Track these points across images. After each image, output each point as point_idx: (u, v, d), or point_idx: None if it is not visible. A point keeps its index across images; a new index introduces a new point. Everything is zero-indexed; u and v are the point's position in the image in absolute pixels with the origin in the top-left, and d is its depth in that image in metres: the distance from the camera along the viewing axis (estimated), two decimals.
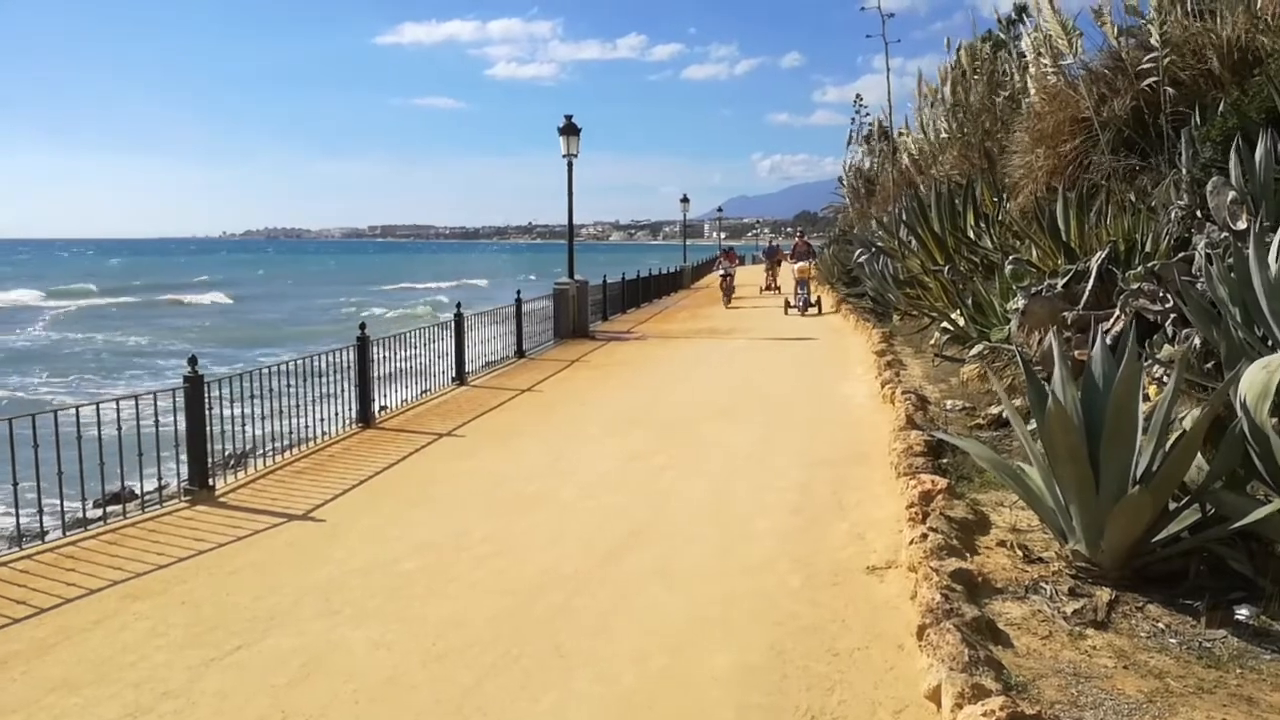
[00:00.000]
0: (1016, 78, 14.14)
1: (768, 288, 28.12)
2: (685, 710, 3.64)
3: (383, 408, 10.15)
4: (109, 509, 6.65)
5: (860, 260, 18.68)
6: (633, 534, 5.83)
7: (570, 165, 18.25)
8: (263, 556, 5.65)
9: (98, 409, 6.75)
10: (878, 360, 11.33)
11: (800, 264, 21.82)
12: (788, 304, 21.71)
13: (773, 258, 30.16)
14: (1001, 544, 4.87)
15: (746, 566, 5.17)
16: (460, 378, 12.24)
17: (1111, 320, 6.75)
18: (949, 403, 8.36)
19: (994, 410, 7.43)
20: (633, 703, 3.71)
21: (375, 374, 9.84)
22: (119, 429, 6.43)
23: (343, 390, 9.33)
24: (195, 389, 7.00)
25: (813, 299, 21.17)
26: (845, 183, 33.31)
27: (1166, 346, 6.52)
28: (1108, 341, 4.84)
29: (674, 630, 4.37)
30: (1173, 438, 4.47)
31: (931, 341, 11.71)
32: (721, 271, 27.14)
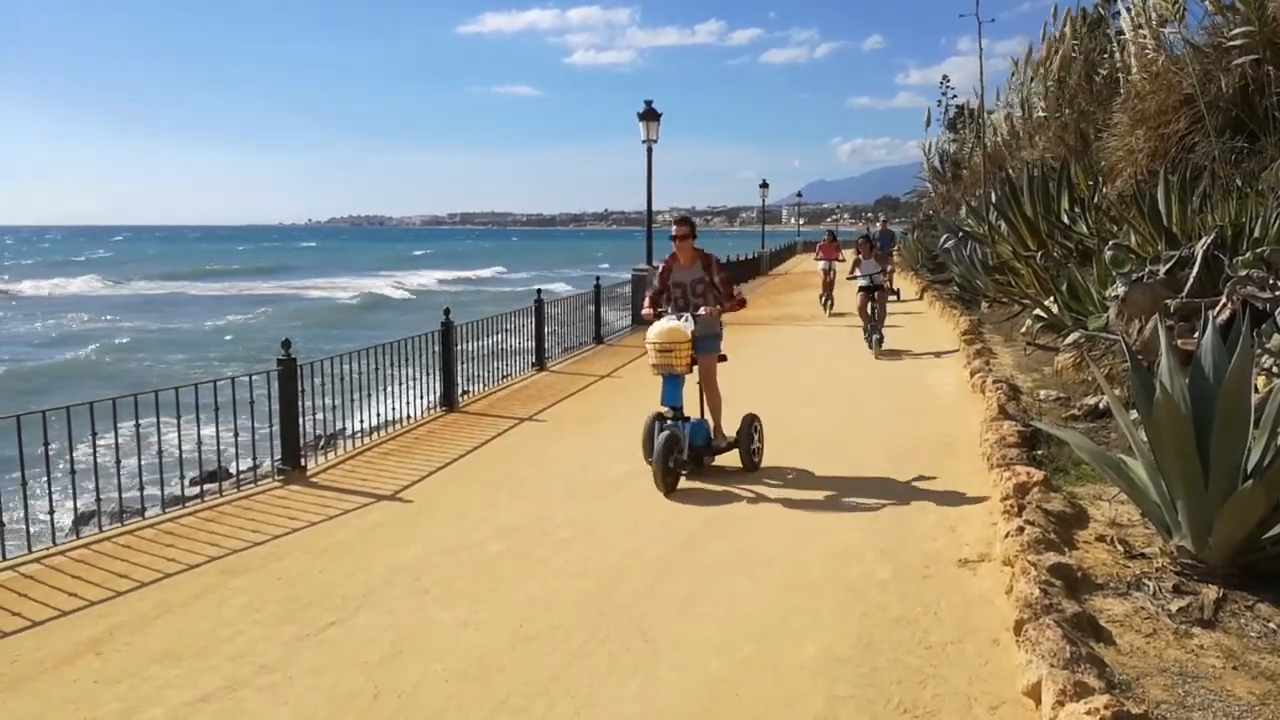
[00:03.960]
0: (1116, 57, 13.61)
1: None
2: (772, 699, 3.60)
3: (464, 392, 10.28)
4: (206, 487, 6.87)
5: (947, 246, 18.28)
6: (714, 521, 5.80)
7: (650, 151, 18.21)
8: (353, 535, 5.76)
9: (196, 390, 6.96)
10: (966, 349, 11.07)
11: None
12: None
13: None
14: (1101, 539, 4.71)
15: (832, 556, 5.09)
16: (540, 363, 12.33)
17: (1219, 308, 6.46)
18: (1042, 393, 8.12)
19: (1090, 401, 7.20)
20: (719, 690, 3.68)
21: (458, 359, 9.97)
22: (216, 410, 6.64)
23: (428, 375, 9.49)
24: (288, 371, 7.17)
25: None
26: (927, 165, 32.56)
27: (1276, 336, 6.22)
28: (1216, 329, 4.62)
29: (758, 618, 4.33)
30: None
31: (1023, 330, 11.40)
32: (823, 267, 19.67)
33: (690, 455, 6.64)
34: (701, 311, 6.82)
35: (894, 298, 19.78)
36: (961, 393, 9.34)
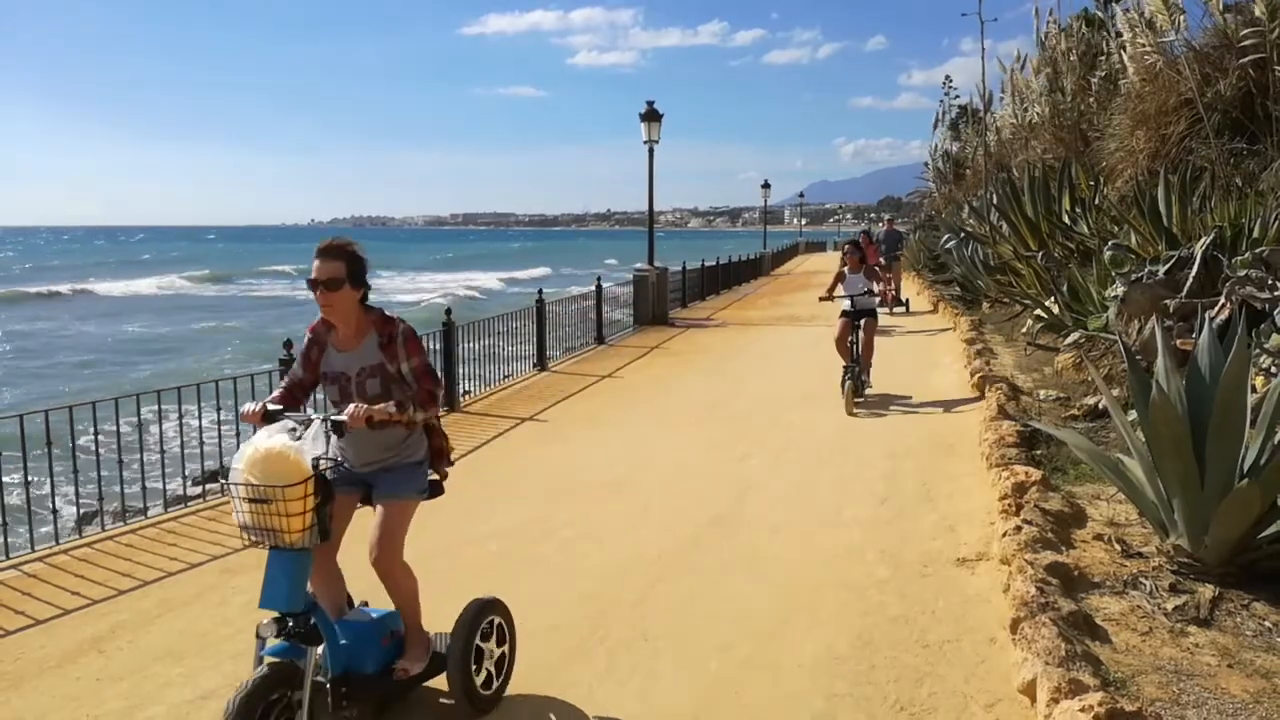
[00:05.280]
0: (1114, 58, 13.60)
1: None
2: (772, 698, 3.62)
3: (466, 392, 10.30)
4: (208, 486, 6.89)
5: (948, 246, 18.28)
6: (715, 521, 5.81)
7: (651, 151, 18.22)
8: (354, 534, 5.76)
9: (198, 389, 6.98)
10: (966, 349, 11.08)
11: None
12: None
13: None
14: (1098, 538, 4.73)
15: (832, 556, 5.11)
16: (541, 363, 12.35)
17: (1217, 308, 6.48)
18: (1042, 393, 8.14)
19: (1090, 401, 7.21)
20: (718, 690, 3.70)
21: (460, 358, 9.99)
22: (218, 409, 6.66)
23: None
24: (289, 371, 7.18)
25: None
26: (931, 166, 32.58)
27: (1275, 336, 6.24)
28: (1213, 330, 4.64)
29: (758, 618, 4.35)
30: None
31: (1023, 330, 11.40)
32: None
33: (347, 695, 3.23)
34: (345, 415, 3.22)
35: (901, 309, 17.93)
36: (962, 392, 9.35)
